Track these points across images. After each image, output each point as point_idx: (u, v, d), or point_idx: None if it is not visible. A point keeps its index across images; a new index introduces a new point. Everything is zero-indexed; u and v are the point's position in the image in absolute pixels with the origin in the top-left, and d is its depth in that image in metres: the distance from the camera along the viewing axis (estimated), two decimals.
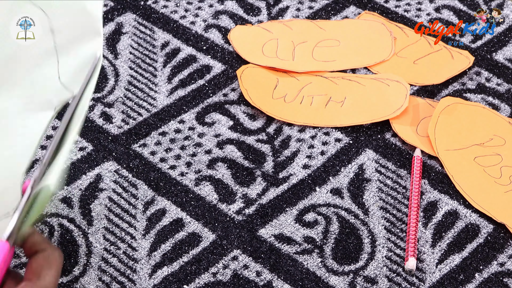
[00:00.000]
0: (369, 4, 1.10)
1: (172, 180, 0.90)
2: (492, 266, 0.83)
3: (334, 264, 0.83)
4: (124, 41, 1.05)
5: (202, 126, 0.95)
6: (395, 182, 0.90)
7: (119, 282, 0.81)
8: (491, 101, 0.98)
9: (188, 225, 0.86)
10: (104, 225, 0.85)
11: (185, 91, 0.99)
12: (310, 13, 1.09)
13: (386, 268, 0.82)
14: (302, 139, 0.94)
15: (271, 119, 0.96)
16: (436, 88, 1.00)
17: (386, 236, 0.85)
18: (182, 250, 0.84)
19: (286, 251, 0.84)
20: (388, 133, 0.95)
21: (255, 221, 0.86)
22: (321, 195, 0.89)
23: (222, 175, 0.90)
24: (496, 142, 0.93)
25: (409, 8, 1.10)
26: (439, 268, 0.83)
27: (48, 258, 0.65)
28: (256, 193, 0.89)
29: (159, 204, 0.87)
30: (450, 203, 0.88)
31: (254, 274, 0.82)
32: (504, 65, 1.03)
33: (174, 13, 1.08)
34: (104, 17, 1.08)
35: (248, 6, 1.10)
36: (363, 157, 0.92)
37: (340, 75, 1.01)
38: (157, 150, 0.93)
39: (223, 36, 1.06)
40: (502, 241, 0.85)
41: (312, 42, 1.05)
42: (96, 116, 0.96)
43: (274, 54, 1.03)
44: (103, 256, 0.83)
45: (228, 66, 1.02)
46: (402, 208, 0.88)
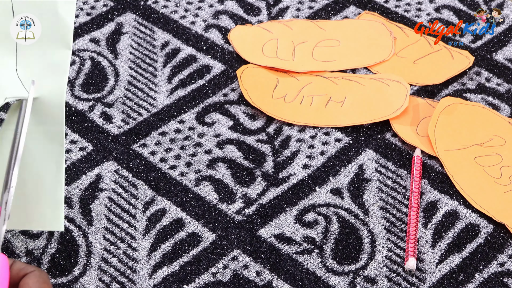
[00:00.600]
0: (369, 4, 1.10)
1: (172, 180, 0.90)
2: (492, 266, 0.83)
3: (334, 264, 0.83)
4: (124, 41, 1.05)
5: (202, 126, 0.95)
6: (395, 182, 0.90)
7: (119, 282, 0.81)
8: (491, 101, 0.98)
9: (188, 225, 0.86)
10: (104, 225, 0.85)
11: (185, 91, 0.99)
12: (310, 13, 1.09)
13: (386, 268, 0.82)
14: (302, 139, 0.94)
15: (271, 119, 0.96)
16: (436, 88, 1.00)
17: (386, 236, 0.85)
18: (182, 250, 0.84)
19: (286, 251, 0.84)
20: (388, 133, 0.95)
21: (255, 221, 0.86)
22: (321, 195, 0.89)
23: (222, 175, 0.90)
24: (496, 142, 0.93)
25: (409, 8, 1.10)
26: (439, 268, 0.83)
27: (40, 277, 0.66)
28: (256, 193, 0.89)
29: (159, 204, 0.87)
30: (450, 203, 0.88)
31: (254, 274, 0.82)
32: (504, 65, 1.03)
33: (174, 13, 1.08)
34: (104, 17, 1.08)
35: (248, 6, 1.10)
36: (363, 157, 0.92)
37: (340, 75, 1.01)
38: (157, 150, 0.93)
39: (223, 36, 1.06)
40: (502, 241, 0.85)
41: (312, 42, 1.05)
42: (96, 116, 0.96)
43: (274, 54, 1.03)
44: (103, 256, 0.83)
45: (228, 66, 1.02)
46: (402, 208, 0.88)
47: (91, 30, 1.06)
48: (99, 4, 1.09)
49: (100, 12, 1.08)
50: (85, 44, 1.04)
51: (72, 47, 0.85)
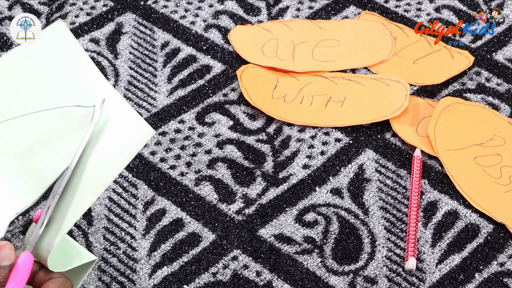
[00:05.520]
0: (369, 4, 1.10)
1: (172, 180, 0.90)
2: (492, 266, 0.83)
3: (334, 264, 0.83)
4: (124, 41, 1.05)
5: (202, 126, 0.95)
6: (395, 182, 0.90)
7: (119, 282, 0.81)
8: (491, 101, 0.98)
9: (188, 225, 0.86)
10: (104, 225, 0.85)
11: (185, 91, 0.99)
12: (310, 13, 1.09)
13: (386, 268, 0.82)
14: (302, 139, 0.94)
15: (271, 119, 0.96)
16: (436, 88, 1.00)
17: (386, 236, 0.85)
18: (182, 250, 0.84)
19: (286, 251, 0.84)
20: (388, 133, 0.95)
21: (255, 221, 0.86)
22: (321, 195, 0.89)
23: (222, 175, 0.90)
24: (496, 142, 0.93)
25: (409, 8, 1.10)
26: (439, 268, 0.83)
27: (63, 283, 0.68)
28: (256, 193, 0.89)
29: (159, 204, 0.87)
30: (450, 203, 0.88)
31: (254, 274, 0.82)
32: (504, 65, 1.03)
33: (174, 13, 1.08)
34: (104, 17, 1.08)
35: (248, 6, 1.10)
36: (363, 157, 0.92)
37: (340, 75, 1.01)
38: (157, 150, 0.93)
39: (223, 36, 1.06)
40: (502, 241, 0.85)
41: (312, 42, 1.05)
42: None
43: (274, 54, 1.03)
44: (103, 256, 0.83)
45: (228, 66, 1.02)
46: (402, 208, 0.88)
47: (91, 30, 1.06)
48: (99, 4, 1.09)
49: (100, 12, 1.08)
50: (85, 44, 1.04)
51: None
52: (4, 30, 1.05)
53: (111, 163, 0.71)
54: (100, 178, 0.71)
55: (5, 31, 1.05)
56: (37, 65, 0.75)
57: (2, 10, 1.08)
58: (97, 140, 0.72)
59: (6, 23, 1.06)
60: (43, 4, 1.09)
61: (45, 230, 0.69)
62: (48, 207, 0.70)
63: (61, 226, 0.69)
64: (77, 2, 1.09)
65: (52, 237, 0.69)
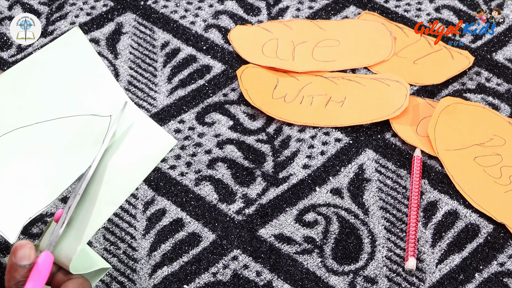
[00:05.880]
0: (369, 4, 1.10)
1: (172, 180, 0.90)
2: (492, 266, 0.83)
3: (334, 264, 0.83)
4: (124, 41, 1.05)
5: (202, 126, 0.95)
6: (395, 182, 0.90)
7: (119, 282, 0.81)
8: (491, 101, 0.98)
9: (188, 225, 0.86)
10: (104, 225, 0.85)
11: (185, 91, 0.99)
12: (310, 13, 1.09)
13: (386, 268, 0.82)
14: (302, 139, 0.94)
15: (271, 119, 0.96)
16: (436, 88, 1.00)
17: (386, 236, 0.85)
18: (182, 250, 0.84)
19: (286, 251, 0.84)
20: (388, 133, 0.95)
21: (255, 221, 0.86)
22: (321, 195, 0.89)
23: (222, 175, 0.90)
24: (496, 142, 0.93)
25: (409, 8, 1.10)
26: (439, 268, 0.83)
27: (82, 284, 0.69)
28: (256, 193, 0.89)
29: (159, 204, 0.87)
30: (450, 203, 0.88)
31: (254, 274, 0.82)
32: (504, 65, 1.03)
33: (174, 13, 1.08)
34: (104, 17, 1.08)
35: (248, 6, 1.10)
36: (363, 157, 0.92)
37: (340, 75, 1.01)
38: None
39: (223, 36, 1.06)
40: (502, 241, 0.85)
41: (312, 42, 1.05)
42: None
43: (274, 54, 1.03)
44: (103, 256, 0.83)
45: (228, 66, 1.02)
46: (402, 208, 0.88)
47: (91, 30, 1.06)
48: (99, 4, 1.09)
49: (100, 12, 1.08)
50: None
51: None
52: (4, 30, 1.05)
53: (131, 172, 0.72)
54: (120, 187, 0.71)
55: (5, 31, 1.05)
56: (53, 73, 0.75)
57: (2, 10, 1.08)
58: (117, 148, 0.73)
59: (6, 23, 1.06)
60: (43, 4, 1.09)
61: (65, 232, 0.70)
62: (69, 207, 0.70)
63: (82, 235, 0.69)
64: (77, 2, 1.09)
65: (73, 244, 0.69)
